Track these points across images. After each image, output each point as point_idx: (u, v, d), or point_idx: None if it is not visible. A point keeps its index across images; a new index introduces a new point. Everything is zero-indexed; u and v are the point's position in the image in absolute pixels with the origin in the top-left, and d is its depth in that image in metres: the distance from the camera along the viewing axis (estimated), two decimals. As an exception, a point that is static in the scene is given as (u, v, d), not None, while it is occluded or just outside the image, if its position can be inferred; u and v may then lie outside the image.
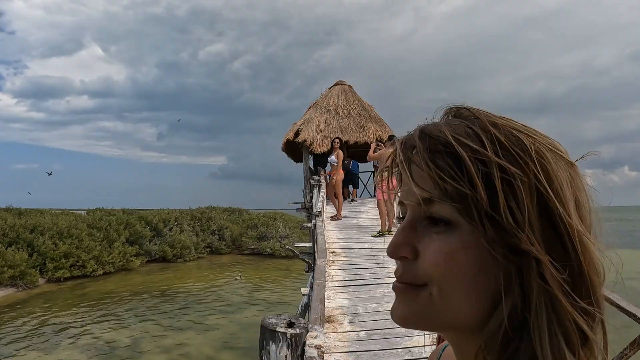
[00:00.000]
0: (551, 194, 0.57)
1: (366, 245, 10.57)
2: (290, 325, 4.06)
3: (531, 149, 0.58)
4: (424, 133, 0.62)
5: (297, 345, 4.01)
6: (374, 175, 20.75)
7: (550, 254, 0.56)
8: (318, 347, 4.03)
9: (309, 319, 5.04)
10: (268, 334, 4.05)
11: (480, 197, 0.56)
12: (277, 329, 4.01)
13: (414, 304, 0.63)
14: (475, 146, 0.58)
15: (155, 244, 31.73)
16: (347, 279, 8.08)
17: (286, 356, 3.98)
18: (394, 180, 0.69)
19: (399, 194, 0.67)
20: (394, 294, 0.67)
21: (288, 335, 3.99)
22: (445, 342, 0.82)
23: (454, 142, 0.58)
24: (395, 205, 0.74)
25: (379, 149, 15.38)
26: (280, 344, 3.98)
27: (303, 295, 11.39)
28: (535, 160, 0.58)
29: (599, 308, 0.58)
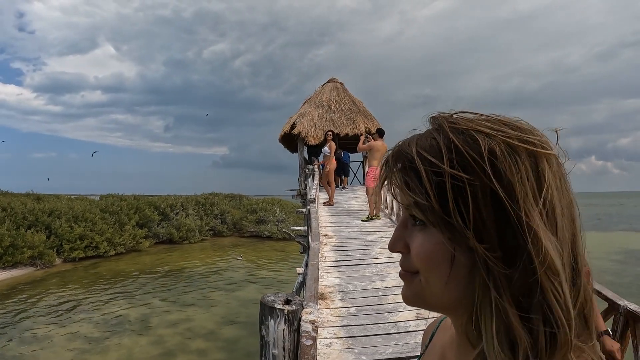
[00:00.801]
0: (501, 191, 0.58)
1: (356, 229, 10.57)
2: (287, 302, 4.10)
3: (484, 149, 0.60)
4: (399, 152, 0.68)
5: (293, 321, 4.04)
6: (363, 165, 20.82)
7: (504, 250, 0.58)
8: (312, 322, 4.04)
9: (304, 297, 5.05)
10: (267, 310, 4.11)
11: (434, 205, 0.61)
12: (275, 306, 4.07)
13: (412, 287, 0.70)
14: (432, 159, 0.62)
15: (162, 227, 31.76)
16: (338, 259, 8.09)
17: (283, 330, 4.02)
18: (378, 171, 0.75)
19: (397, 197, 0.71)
20: (398, 277, 0.77)
21: (285, 312, 4.03)
22: (443, 315, 0.88)
23: (416, 158, 0.64)
24: (382, 193, 0.77)
25: (368, 141, 15.35)
26: (278, 320, 4.05)
27: (298, 274, 11.40)
28: (487, 161, 0.59)
29: (554, 309, 0.57)
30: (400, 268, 0.72)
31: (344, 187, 17.96)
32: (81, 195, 38.34)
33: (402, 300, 0.73)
